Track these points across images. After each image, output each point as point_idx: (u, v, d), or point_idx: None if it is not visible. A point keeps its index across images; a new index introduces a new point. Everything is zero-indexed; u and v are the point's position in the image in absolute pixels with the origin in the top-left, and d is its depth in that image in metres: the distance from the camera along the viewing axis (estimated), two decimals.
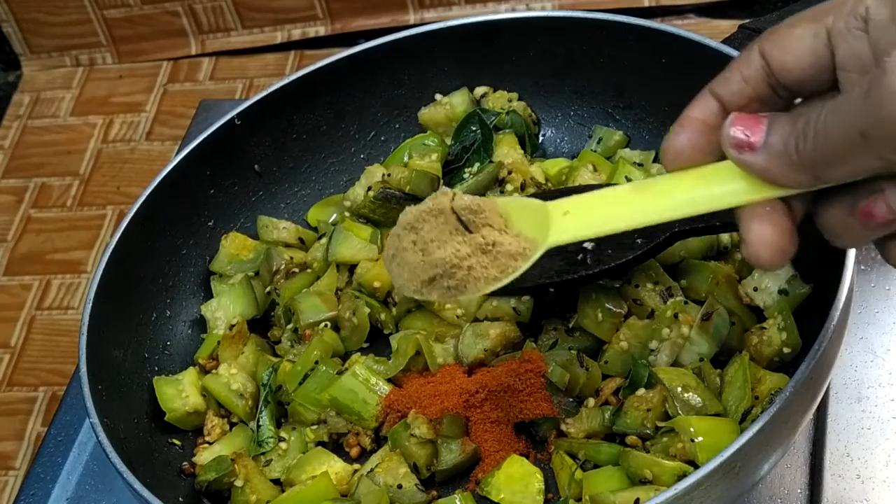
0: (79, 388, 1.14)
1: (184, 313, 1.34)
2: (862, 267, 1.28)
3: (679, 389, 1.09)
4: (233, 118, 1.35)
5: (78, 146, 2.23)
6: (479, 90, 1.39)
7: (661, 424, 1.09)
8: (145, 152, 2.19)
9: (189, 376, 1.26)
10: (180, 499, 1.17)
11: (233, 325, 1.28)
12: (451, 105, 1.38)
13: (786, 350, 1.11)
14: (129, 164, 2.18)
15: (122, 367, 1.24)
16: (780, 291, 1.13)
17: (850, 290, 1.03)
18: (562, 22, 1.33)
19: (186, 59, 2.33)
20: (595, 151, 1.34)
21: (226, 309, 1.31)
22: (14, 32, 2.38)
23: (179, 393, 1.24)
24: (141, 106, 2.27)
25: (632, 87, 1.34)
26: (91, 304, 1.20)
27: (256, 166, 1.39)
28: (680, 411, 1.08)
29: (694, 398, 1.09)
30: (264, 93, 1.36)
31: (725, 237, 1.20)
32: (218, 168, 1.36)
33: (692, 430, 1.05)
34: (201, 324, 1.33)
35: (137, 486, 1.05)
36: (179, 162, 1.32)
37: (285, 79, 1.37)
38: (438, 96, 1.40)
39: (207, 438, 1.24)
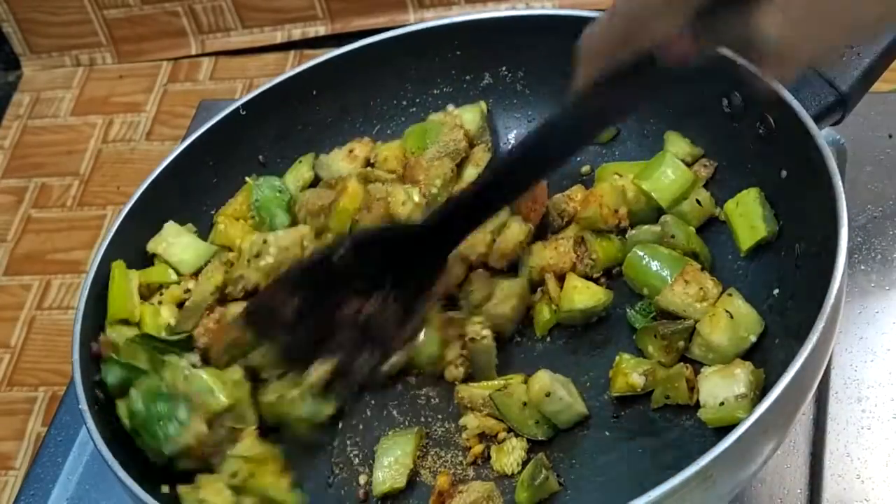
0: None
1: None
2: (862, 267, 1.28)
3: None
4: (238, 108, 1.35)
5: (78, 146, 2.24)
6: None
7: None
8: (145, 152, 2.19)
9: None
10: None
11: None
12: (462, 120, 1.37)
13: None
14: (129, 164, 2.18)
15: None
16: None
17: (841, 289, 1.02)
18: (563, 21, 1.33)
19: (186, 59, 2.34)
20: None
21: None
22: (14, 32, 2.39)
23: None
24: (141, 106, 2.28)
25: None
26: (84, 303, 1.20)
27: (261, 157, 1.39)
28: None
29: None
30: (270, 84, 1.36)
31: None
32: (222, 158, 1.36)
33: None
34: None
35: (136, 489, 1.05)
36: (183, 151, 1.32)
37: (291, 70, 1.36)
38: (450, 107, 1.39)
39: None
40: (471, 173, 1.33)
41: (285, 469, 1.14)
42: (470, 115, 1.37)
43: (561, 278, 1.21)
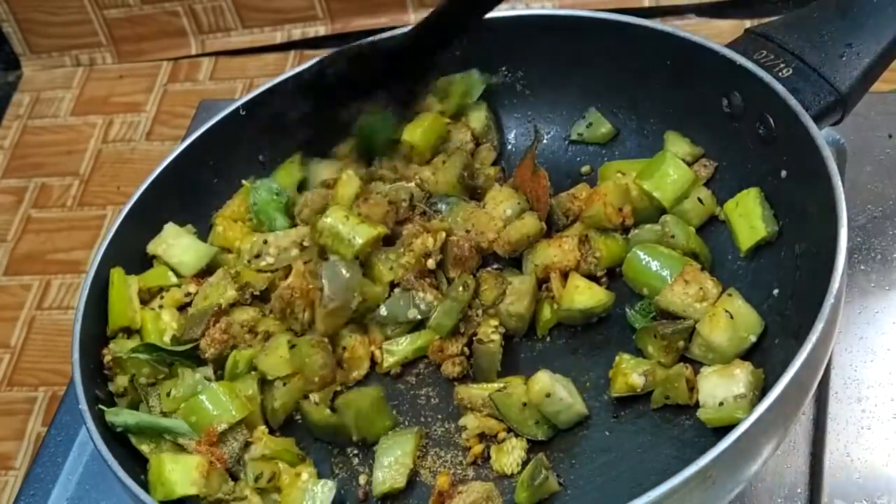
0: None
1: None
2: (862, 267, 1.28)
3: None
4: (238, 108, 1.35)
5: (78, 146, 2.24)
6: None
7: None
8: (145, 152, 2.19)
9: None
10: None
11: None
12: (468, 119, 1.37)
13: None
14: (129, 164, 2.18)
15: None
16: None
17: (840, 289, 1.02)
18: (563, 21, 1.33)
19: (186, 59, 2.34)
20: (581, 135, 1.35)
21: None
22: (14, 32, 2.39)
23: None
24: (141, 106, 2.27)
25: (633, 86, 1.34)
26: (83, 303, 1.20)
27: (261, 157, 1.39)
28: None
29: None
30: (270, 84, 1.36)
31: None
32: (221, 158, 1.35)
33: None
34: None
35: (136, 489, 1.05)
36: (183, 151, 1.32)
37: (291, 71, 1.37)
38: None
39: None
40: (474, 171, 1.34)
41: (303, 458, 1.15)
42: (476, 115, 1.37)
43: (566, 276, 1.21)
